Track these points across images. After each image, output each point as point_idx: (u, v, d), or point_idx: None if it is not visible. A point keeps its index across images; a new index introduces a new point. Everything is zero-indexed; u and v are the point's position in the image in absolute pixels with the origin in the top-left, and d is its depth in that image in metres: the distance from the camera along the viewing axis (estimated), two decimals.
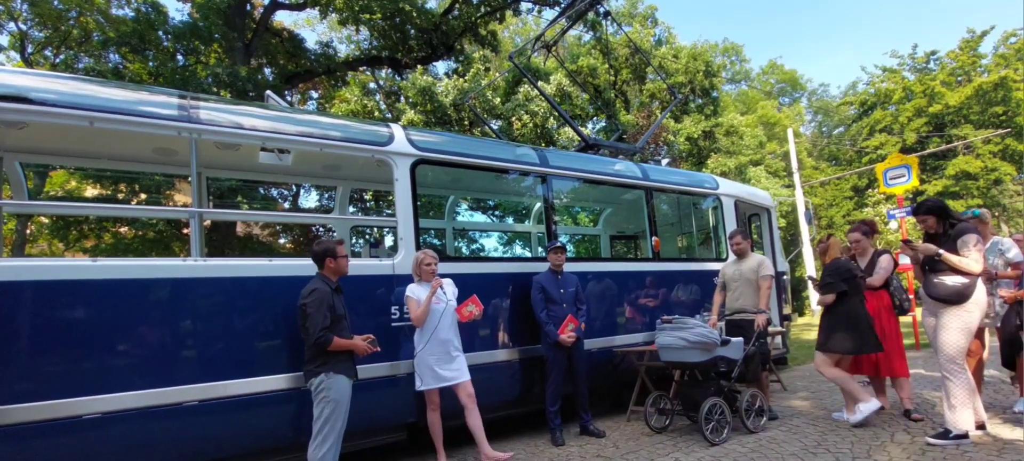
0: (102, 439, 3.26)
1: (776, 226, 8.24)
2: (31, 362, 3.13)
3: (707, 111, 20.74)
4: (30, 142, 4.18)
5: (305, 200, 15.36)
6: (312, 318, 3.49)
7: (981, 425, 4.23)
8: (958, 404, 4.01)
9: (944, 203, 4.37)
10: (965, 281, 3.98)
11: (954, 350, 4.01)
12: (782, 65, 40.43)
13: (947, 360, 4.04)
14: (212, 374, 3.60)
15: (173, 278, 3.58)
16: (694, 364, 4.77)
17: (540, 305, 4.92)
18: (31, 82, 3.51)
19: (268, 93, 5.28)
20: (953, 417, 4.04)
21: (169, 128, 3.79)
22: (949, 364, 4.03)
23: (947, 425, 4.08)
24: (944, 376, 4.08)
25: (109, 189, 10.59)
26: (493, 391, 4.90)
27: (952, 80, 25.91)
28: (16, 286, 3.13)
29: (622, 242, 9.37)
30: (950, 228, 4.16)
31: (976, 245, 3.99)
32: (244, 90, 10.81)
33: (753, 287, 5.24)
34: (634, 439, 4.87)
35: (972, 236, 4.01)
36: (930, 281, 4.15)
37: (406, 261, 4.45)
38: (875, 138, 26.49)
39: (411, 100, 14.38)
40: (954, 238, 4.07)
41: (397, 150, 4.65)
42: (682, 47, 21.05)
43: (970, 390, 4.03)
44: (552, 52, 9.28)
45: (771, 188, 20.45)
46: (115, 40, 11.16)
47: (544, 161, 5.76)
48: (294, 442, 3.86)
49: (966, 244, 4.00)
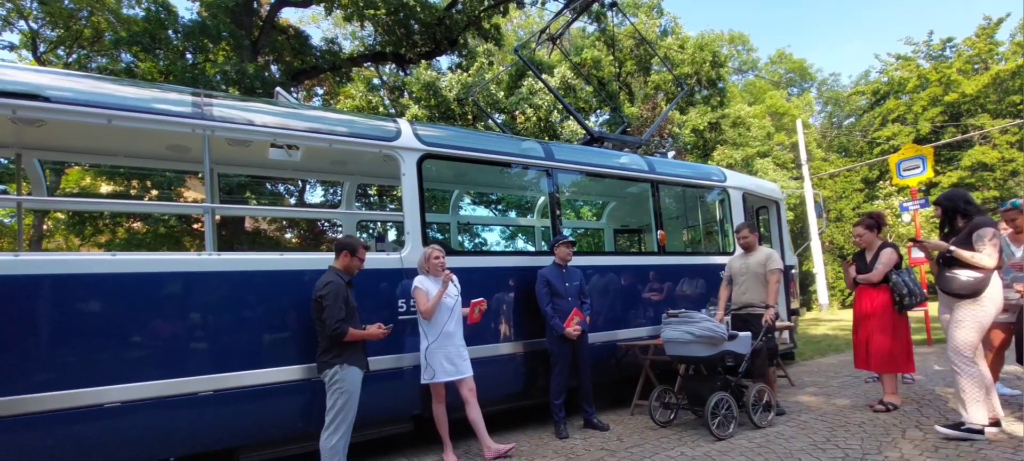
0: (121, 428, 3.36)
1: (785, 219, 8.21)
2: (52, 353, 3.23)
3: (714, 102, 20.58)
4: (48, 140, 4.28)
5: (311, 195, 15.49)
6: (329, 310, 3.58)
7: (995, 421, 4.15)
8: (969, 399, 3.98)
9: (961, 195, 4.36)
10: (978, 276, 3.95)
11: (963, 345, 3.99)
12: (791, 54, 39.95)
13: (956, 354, 4.03)
14: (226, 365, 3.70)
15: (189, 272, 3.68)
16: (700, 358, 4.75)
17: (545, 299, 4.97)
18: (50, 80, 3.60)
19: (278, 89, 5.36)
20: (966, 413, 4.01)
21: (184, 125, 3.88)
22: (958, 358, 4.02)
23: (958, 417, 4.08)
24: (954, 371, 4.07)
25: (123, 185, 10.74)
26: (497, 384, 4.97)
27: (968, 68, 25.36)
28: (36, 280, 3.23)
29: (626, 236, 9.38)
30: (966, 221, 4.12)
31: (991, 240, 3.94)
32: (252, 87, 10.90)
33: (761, 281, 5.23)
34: (638, 433, 4.91)
35: (988, 230, 3.96)
36: (943, 276, 4.13)
37: (413, 255, 4.51)
38: (887, 128, 26.11)
39: (415, 95, 14.42)
40: (969, 233, 4.03)
41: (404, 145, 4.71)
42: (688, 37, 20.88)
43: (983, 385, 3.98)
44: (557, 45, 9.27)
45: (779, 180, 20.34)
46: (127, 39, 11.26)
47: (549, 155, 5.79)
48: (304, 432, 3.96)
49: (981, 239, 3.95)
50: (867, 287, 5.07)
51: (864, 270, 5.11)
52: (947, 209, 4.25)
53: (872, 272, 4.99)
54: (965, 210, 4.18)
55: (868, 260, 5.10)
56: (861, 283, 5.11)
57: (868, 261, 5.10)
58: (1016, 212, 4.70)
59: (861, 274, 5.13)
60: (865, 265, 5.12)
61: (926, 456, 3.78)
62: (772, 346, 5.30)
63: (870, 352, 5.02)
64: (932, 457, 3.76)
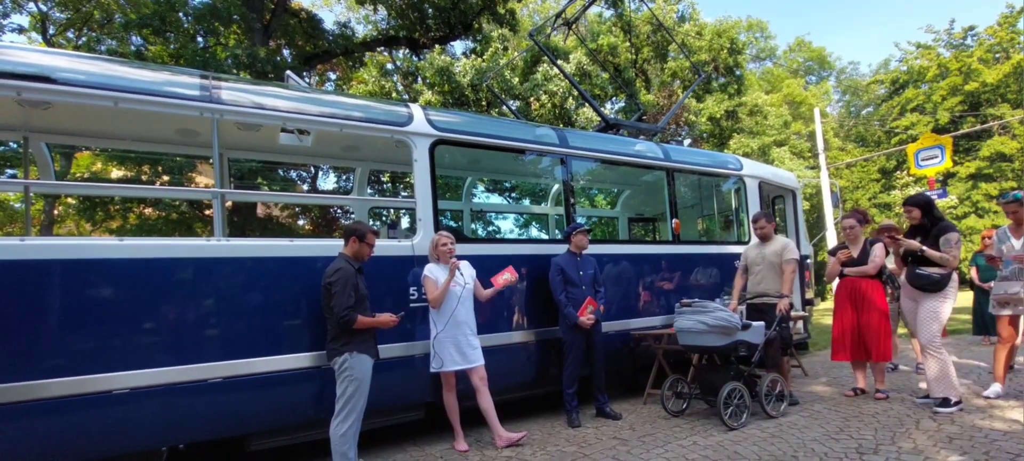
0: (130, 414, 3.34)
1: (801, 208, 8.08)
2: (62, 339, 3.21)
3: (731, 90, 20.27)
4: (55, 123, 4.24)
5: (323, 182, 15.49)
6: (337, 297, 3.53)
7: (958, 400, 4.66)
8: (949, 375, 4.60)
9: (931, 199, 4.98)
10: (944, 272, 4.62)
11: (934, 335, 4.64)
12: (810, 42, 39.33)
13: (929, 344, 4.63)
14: (235, 352, 3.66)
15: (197, 257, 3.63)
16: (714, 348, 4.71)
17: (559, 287, 4.90)
18: (56, 62, 3.55)
19: (288, 73, 5.29)
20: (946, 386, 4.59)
21: (191, 108, 3.82)
22: (934, 342, 4.62)
23: (944, 394, 4.59)
24: (930, 352, 4.63)
25: (133, 171, 10.77)
26: (509, 373, 4.92)
27: (989, 57, 24.91)
28: (46, 265, 3.20)
29: (641, 224, 9.27)
30: (932, 225, 4.73)
31: (957, 244, 4.66)
32: (264, 71, 10.85)
33: (776, 271, 5.17)
34: (650, 422, 4.86)
35: (954, 235, 4.66)
36: (914, 271, 4.75)
37: (425, 242, 4.45)
38: (906, 118, 25.70)
39: (428, 80, 14.30)
40: (936, 235, 4.66)
41: (416, 130, 4.63)
42: (706, 24, 20.55)
43: (949, 367, 4.62)
44: (573, 30, 9.11)
45: (795, 169, 20.04)
46: (136, 21, 11.24)
47: (564, 141, 5.69)
48: (315, 419, 3.94)
49: (949, 243, 4.62)
50: (860, 279, 5.19)
51: (852, 264, 5.27)
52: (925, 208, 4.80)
53: (869, 265, 5.14)
54: (933, 212, 4.83)
55: (856, 254, 5.25)
56: (853, 275, 5.22)
57: (856, 256, 5.25)
58: (1017, 204, 4.86)
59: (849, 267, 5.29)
60: (852, 259, 5.28)
61: (940, 447, 3.76)
62: (786, 336, 5.25)
63: (869, 343, 5.11)
64: (946, 448, 3.72)
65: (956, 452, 3.63)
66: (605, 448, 4.19)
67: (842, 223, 5.42)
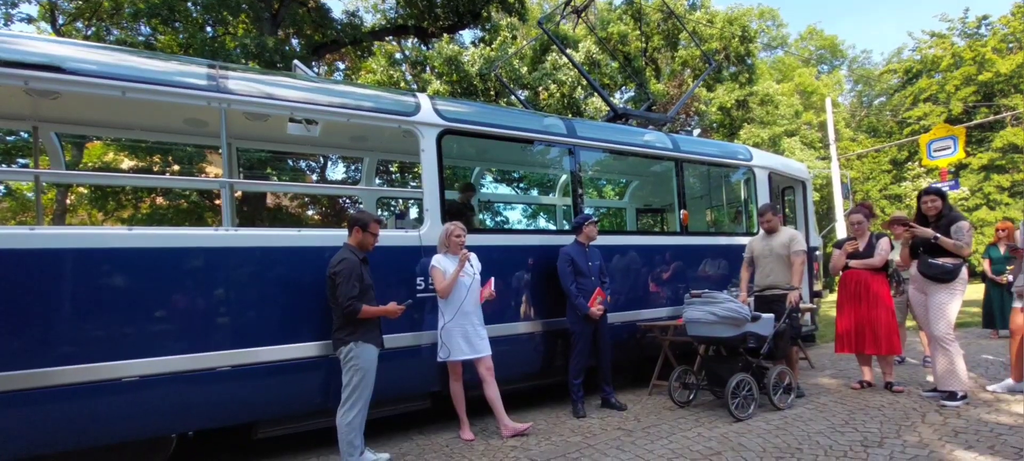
0: (140, 401, 3.38)
1: (811, 199, 8.00)
2: (72, 327, 3.24)
3: (742, 79, 20.04)
4: (64, 112, 4.27)
5: (332, 172, 15.51)
6: (342, 287, 3.54)
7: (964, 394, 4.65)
8: (957, 368, 4.56)
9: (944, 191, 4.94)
10: (957, 261, 4.59)
11: (948, 328, 4.63)
12: (822, 31, 38.81)
13: (943, 337, 4.60)
14: (244, 341, 3.69)
15: (206, 247, 3.66)
16: (722, 339, 4.70)
17: (569, 278, 4.88)
18: (64, 51, 3.56)
19: (296, 63, 5.28)
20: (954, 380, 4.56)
21: (199, 98, 3.83)
22: (948, 333, 4.60)
23: (951, 387, 4.59)
24: (941, 345, 4.62)
25: (145, 161, 10.83)
26: (516, 363, 4.93)
27: (1003, 47, 24.50)
28: (57, 253, 3.23)
29: (649, 215, 9.22)
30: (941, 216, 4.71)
31: (969, 231, 4.62)
32: (272, 61, 10.85)
33: (784, 262, 5.13)
34: (656, 413, 4.86)
35: (965, 223, 4.62)
36: (926, 261, 4.71)
37: (432, 232, 4.45)
38: (918, 108, 25.35)
39: (437, 70, 14.25)
40: (946, 225, 4.63)
41: (423, 120, 4.62)
42: (717, 12, 20.30)
43: (959, 357, 4.60)
44: (582, 18, 9.02)
45: (806, 160, 19.85)
46: (145, 11, 11.24)
47: (572, 131, 5.66)
48: (322, 407, 3.97)
49: (961, 230, 4.58)
50: (865, 273, 5.18)
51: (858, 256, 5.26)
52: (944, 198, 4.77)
53: (875, 257, 5.14)
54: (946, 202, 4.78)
55: (861, 248, 5.24)
56: (858, 267, 5.22)
57: (862, 249, 5.24)
58: None
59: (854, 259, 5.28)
60: (858, 252, 5.26)
61: (945, 440, 3.74)
62: (795, 328, 5.23)
63: (879, 335, 5.09)
64: (951, 442, 3.71)
65: (961, 446, 3.62)
66: (610, 439, 4.20)
67: (850, 217, 5.42)
